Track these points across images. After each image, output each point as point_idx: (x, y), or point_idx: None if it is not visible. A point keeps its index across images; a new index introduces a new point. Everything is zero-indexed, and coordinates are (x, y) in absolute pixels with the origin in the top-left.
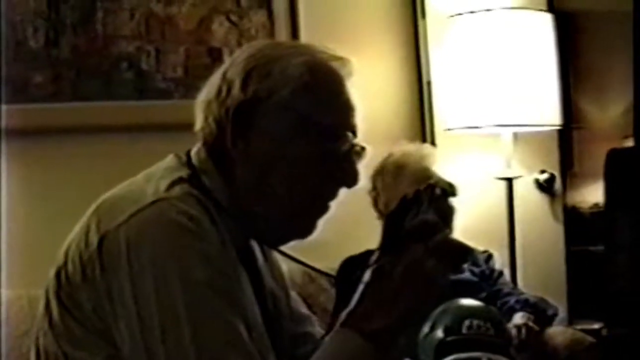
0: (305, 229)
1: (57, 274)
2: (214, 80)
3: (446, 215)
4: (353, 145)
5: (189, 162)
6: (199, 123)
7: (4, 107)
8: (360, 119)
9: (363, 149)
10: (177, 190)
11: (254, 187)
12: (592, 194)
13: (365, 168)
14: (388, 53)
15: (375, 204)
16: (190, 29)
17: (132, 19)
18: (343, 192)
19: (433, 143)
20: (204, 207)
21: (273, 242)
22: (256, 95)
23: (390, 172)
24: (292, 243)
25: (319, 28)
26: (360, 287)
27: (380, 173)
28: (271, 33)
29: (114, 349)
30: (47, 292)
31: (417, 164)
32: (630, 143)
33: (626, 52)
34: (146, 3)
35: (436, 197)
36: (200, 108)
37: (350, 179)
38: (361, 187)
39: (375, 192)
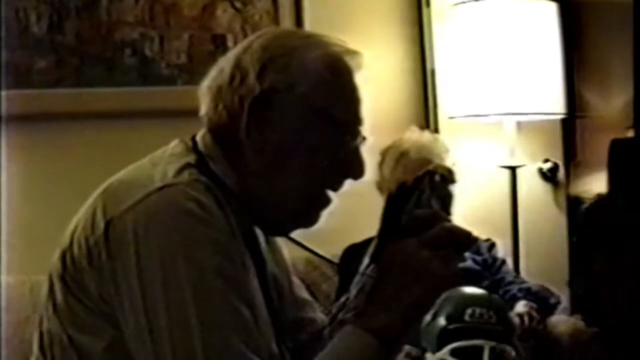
0: (311, 219)
1: (62, 257)
2: (225, 66)
3: (446, 201)
4: (362, 138)
5: (195, 148)
6: (204, 108)
7: (6, 92)
8: (365, 109)
9: (364, 139)
10: (185, 175)
11: (265, 177)
12: (596, 184)
13: (368, 157)
14: (392, 41)
15: (379, 188)
16: (194, 15)
17: (136, 5)
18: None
19: (437, 131)
20: (212, 193)
21: (277, 230)
22: (273, 87)
23: (394, 158)
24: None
25: (323, 15)
26: (357, 278)
27: (384, 159)
28: (275, 20)
29: (118, 332)
30: (50, 275)
31: (420, 152)
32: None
33: (631, 41)
34: None
35: (436, 184)
36: (207, 93)
37: (359, 172)
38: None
39: (380, 177)
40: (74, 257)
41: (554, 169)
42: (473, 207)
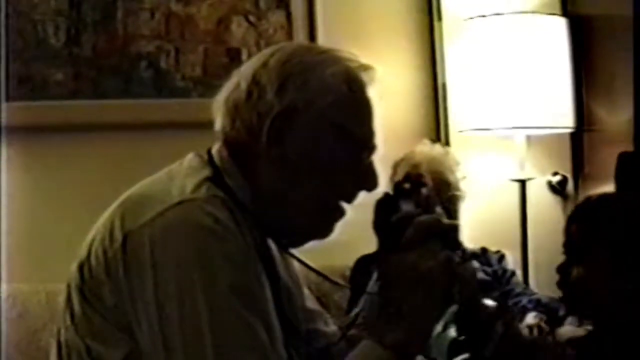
0: (326, 231)
1: (80, 268)
2: (242, 81)
3: (422, 204)
4: (376, 151)
5: (210, 161)
6: (220, 122)
7: (23, 104)
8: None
9: (376, 149)
10: (202, 190)
11: (281, 191)
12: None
13: (380, 169)
14: (404, 55)
15: None
16: (209, 29)
17: (152, 19)
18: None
19: (447, 144)
20: (228, 209)
21: (292, 243)
22: (293, 105)
23: (407, 170)
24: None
25: (336, 29)
26: (365, 296)
27: (397, 171)
28: (289, 34)
29: (135, 344)
30: (68, 286)
31: (431, 165)
32: None
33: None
34: (166, 3)
35: (406, 190)
36: (222, 107)
37: (373, 184)
38: None
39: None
40: (91, 269)
41: (563, 181)
42: (483, 219)
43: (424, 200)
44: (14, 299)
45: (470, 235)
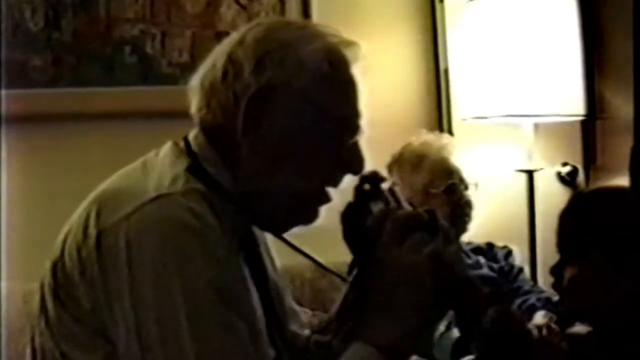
0: (311, 216)
1: (54, 268)
2: (217, 61)
3: (389, 199)
4: (361, 132)
5: (188, 149)
6: (196, 106)
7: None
8: (365, 104)
9: (363, 132)
10: (180, 184)
11: (262, 175)
12: None
13: (377, 157)
14: (404, 38)
15: None
16: (197, 12)
17: (137, 1)
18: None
19: (450, 133)
20: (207, 201)
21: (277, 228)
22: (270, 83)
23: (410, 162)
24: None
25: (331, 11)
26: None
27: (398, 163)
28: (282, 16)
29: (112, 347)
30: (42, 287)
31: (436, 154)
32: None
33: None
34: None
35: (369, 191)
36: (198, 90)
37: (358, 167)
38: None
39: (392, 182)
40: (65, 268)
41: (573, 172)
42: (489, 212)
43: (390, 194)
44: None
45: (475, 230)
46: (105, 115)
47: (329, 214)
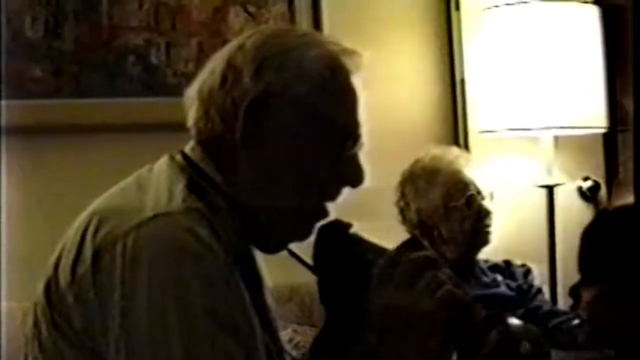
0: (306, 232)
1: (47, 288)
2: (216, 67)
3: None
4: (361, 144)
5: (187, 163)
6: (194, 117)
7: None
8: (365, 115)
9: (362, 144)
10: (179, 202)
11: (261, 186)
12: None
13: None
14: (418, 48)
15: (402, 213)
16: (203, 20)
17: (140, 9)
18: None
19: (466, 146)
20: (207, 221)
21: (274, 246)
22: (270, 89)
23: (422, 178)
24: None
25: (343, 20)
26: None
27: (409, 180)
28: (291, 25)
29: None
30: (35, 308)
31: (450, 167)
32: None
33: None
34: None
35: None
36: (195, 100)
37: (358, 179)
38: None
39: (404, 202)
40: (59, 288)
41: (595, 187)
42: (507, 229)
43: (360, 239)
44: None
45: (493, 247)
46: (108, 128)
47: None
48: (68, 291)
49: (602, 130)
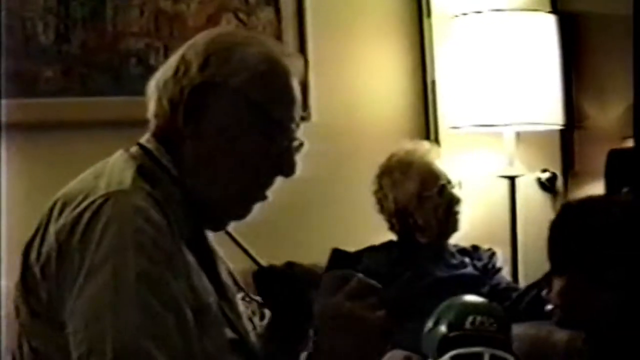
0: (241, 213)
1: (22, 271)
2: (171, 61)
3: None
4: (295, 139)
5: (143, 152)
6: (152, 107)
7: (13, 101)
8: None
9: (301, 144)
10: (128, 182)
11: (200, 168)
12: (593, 193)
13: (369, 164)
14: (393, 52)
15: (380, 203)
16: (198, 26)
17: (142, 16)
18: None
19: (437, 141)
20: (153, 199)
21: (216, 225)
22: (213, 79)
23: (398, 170)
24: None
25: (325, 26)
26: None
27: (386, 172)
28: (278, 30)
29: (66, 337)
30: (16, 287)
31: (422, 160)
32: (630, 143)
33: (628, 54)
34: (155, 0)
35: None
36: (154, 91)
37: (290, 170)
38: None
39: (382, 192)
40: (29, 266)
41: (553, 178)
42: (473, 215)
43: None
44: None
45: (461, 232)
46: (113, 123)
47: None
48: (36, 266)
49: (559, 127)
